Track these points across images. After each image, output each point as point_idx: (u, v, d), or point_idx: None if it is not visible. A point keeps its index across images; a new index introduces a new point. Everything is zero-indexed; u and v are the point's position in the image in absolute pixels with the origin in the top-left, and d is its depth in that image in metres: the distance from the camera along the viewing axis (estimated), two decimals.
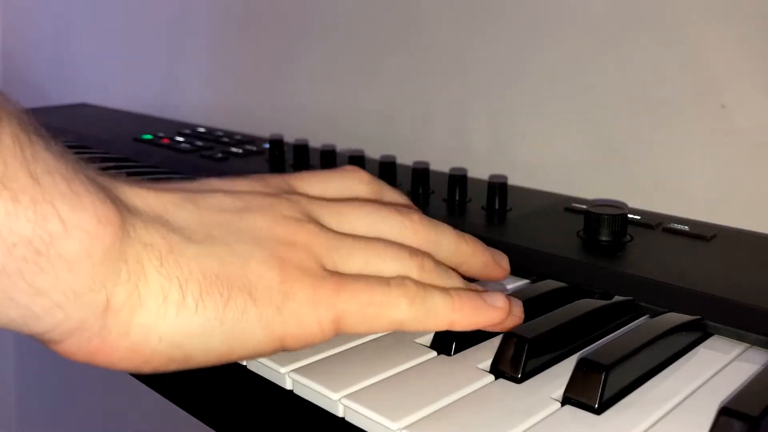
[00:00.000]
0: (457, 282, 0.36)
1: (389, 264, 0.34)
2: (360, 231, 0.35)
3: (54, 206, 0.26)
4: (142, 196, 0.31)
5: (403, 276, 0.33)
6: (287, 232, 0.32)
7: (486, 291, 0.36)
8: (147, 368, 0.29)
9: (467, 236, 0.39)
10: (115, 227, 0.28)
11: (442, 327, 0.34)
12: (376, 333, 0.34)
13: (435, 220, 0.38)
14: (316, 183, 0.39)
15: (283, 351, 0.31)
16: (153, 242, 0.29)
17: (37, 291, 0.26)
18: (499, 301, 0.35)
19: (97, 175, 0.30)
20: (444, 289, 0.34)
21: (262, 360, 0.34)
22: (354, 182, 0.40)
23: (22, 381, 1.60)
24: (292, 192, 0.37)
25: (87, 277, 0.27)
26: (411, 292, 0.32)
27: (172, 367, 0.30)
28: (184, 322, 0.28)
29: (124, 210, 0.29)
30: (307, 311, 0.30)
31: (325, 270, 0.32)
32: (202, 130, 0.90)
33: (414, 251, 0.35)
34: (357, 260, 0.33)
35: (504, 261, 0.41)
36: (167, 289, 0.28)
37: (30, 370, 1.58)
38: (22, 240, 0.25)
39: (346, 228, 0.35)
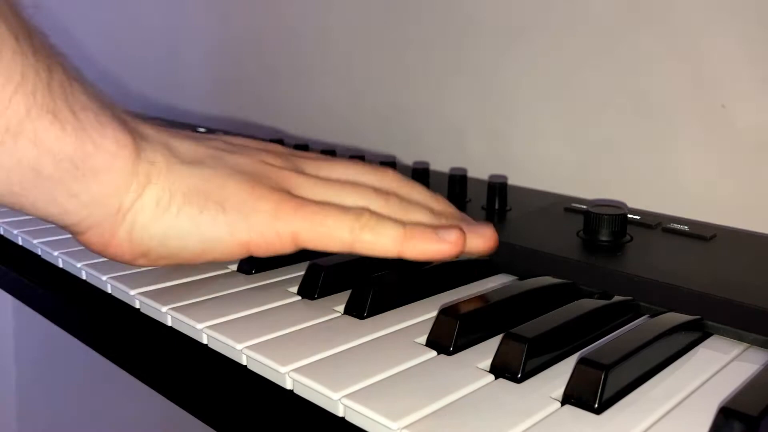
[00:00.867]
0: (423, 217, 0.39)
1: (354, 198, 0.39)
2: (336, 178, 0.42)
3: (88, 134, 0.35)
4: (154, 129, 0.39)
5: (364, 207, 0.38)
6: (263, 170, 0.39)
7: (448, 225, 0.39)
8: (144, 261, 0.39)
9: (440, 198, 0.43)
10: (130, 149, 0.36)
11: (392, 254, 0.37)
12: (329, 250, 0.38)
13: (411, 201, 0.42)
14: (324, 166, 0.44)
15: (249, 255, 0.38)
16: (156, 161, 0.37)
17: (72, 193, 0.35)
18: (452, 235, 0.37)
19: (121, 111, 0.39)
20: (400, 221, 0.38)
21: (263, 360, 0.34)
22: (358, 174, 0.44)
23: (22, 381, 1.60)
24: (295, 157, 0.43)
25: (107, 185, 0.36)
26: (363, 219, 0.37)
27: (162, 262, 0.39)
28: (169, 223, 0.36)
29: (138, 137, 0.37)
30: (268, 223, 0.37)
31: (291, 193, 0.38)
32: (202, 130, 0.90)
33: (380, 190, 0.40)
34: (323, 193, 0.39)
35: (484, 229, 0.41)
36: (160, 197, 0.36)
37: (30, 370, 1.58)
38: (66, 156, 0.35)
39: (323, 175, 0.42)
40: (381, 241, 0.37)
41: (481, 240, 0.41)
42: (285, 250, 0.38)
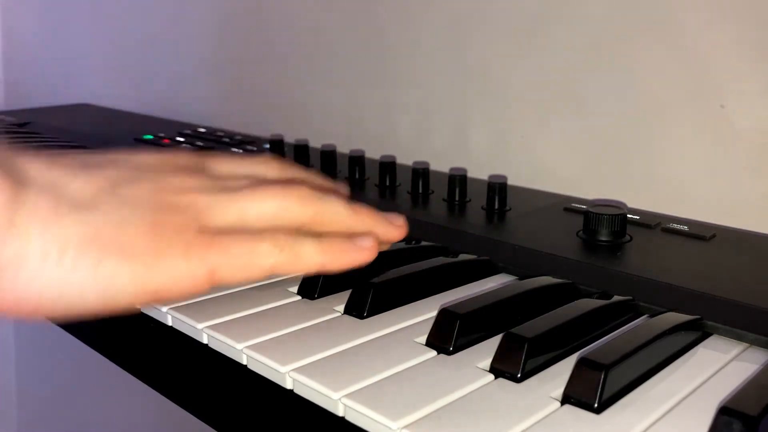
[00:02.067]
0: (339, 207, 0.38)
1: (269, 205, 0.37)
2: (250, 214, 0.38)
3: None
4: (38, 168, 0.35)
5: (276, 228, 0.36)
6: (167, 199, 0.36)
7: (362, 232, 0.38)
8: (37, 317, 0.34)
9: (358, 207, 0.40)
10: (7, 196, 0.32)
11: (314, 269, 0.36)
12: (252, 281, 0.37)
13: (326, 195, 0.40)
14: (229, 163, 0.41)
15: (161, 303, 0.35)
16: (41, 209, 0.33)
17: None
18: (368, 241, 0.37)
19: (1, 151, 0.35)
20: (316, 237, 0.36)
21: (263, 359, 0.34)
22: (265, 169, 0.42)
23: (22, 381, 1.60)
24: (205, 168, 0.40)
25: None
26: (280, 240, 0.35)
27: (59, 317, 0.34)
28: (61, 279, 0.32)
29: (18, 181, 0.33)
30: (179, 267, 0.33)
31: (201, 228, 0.35)
32: (202, 130, 0.90)
33: (292, 188, 0.38)
34: (233, 211, 0.36)
35: (398, 219, 0.41)
36: (47, 250, 0.32)
37: (30, 370, 1.58)
38: None
39: (230, 173, 0.39)
40: (302, 260, 0.35)
41: (394, 230, 0.41)
42: (201, 291, 0.34)
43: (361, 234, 0.38)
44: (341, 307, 0.40)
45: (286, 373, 0.33)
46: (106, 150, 0.40)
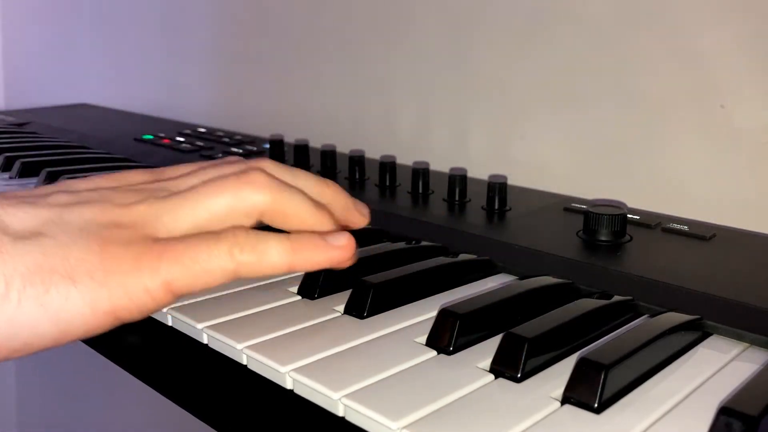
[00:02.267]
0: (303, 202, 0.36)
1: (221, 200, 0.34)
2: (202, 218, 0.36)
3: None
4: None
5: (236, 226, 0.34)
6: (113, 217, 0.34)
7: (335, 230, 0.36)
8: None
9: (327, 180, 0.39)
10: None
11: (281, 270, 0.34)
12: (212, 286, 0.34)
13: (293, 169, 0.38)
14: (185, 172, 0.39)
15: (122, 323, 0.33)
16: None
17: None
18: (342, 239, 0.35)
19: None
20: (281, 234, 0.34)
21: (263, 359, 0.34)
22: (224, 168, 0.39)
23: (22, 381, 1.60)
24: (158, 181, 0.38)
25: None
26: (240, 239, 0.33)
27: (18, 354, 0.32)
28: (11, 315, 0.31)
29: None
30: (132, 282, 0.32)
31: (151, 240, 0.33)
32: (202, 130, 0.90)
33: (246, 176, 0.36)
34: (183, 215, 0.34)
35: (364, 209, 0.41)
36: None
37: (30, 370, 1.58)
38: None
39: (184, 183, 0.37)
40: (267, 259, 0.33)
41: (359, 216, 0.40)
42: (161, 306, 0.33)
43: (336, 232, 0.35)
44: (341, 307, 0.40)
45: (286, 373, 0.33)
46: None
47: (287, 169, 0.38)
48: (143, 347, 0.41)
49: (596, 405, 0.30)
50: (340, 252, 0.35)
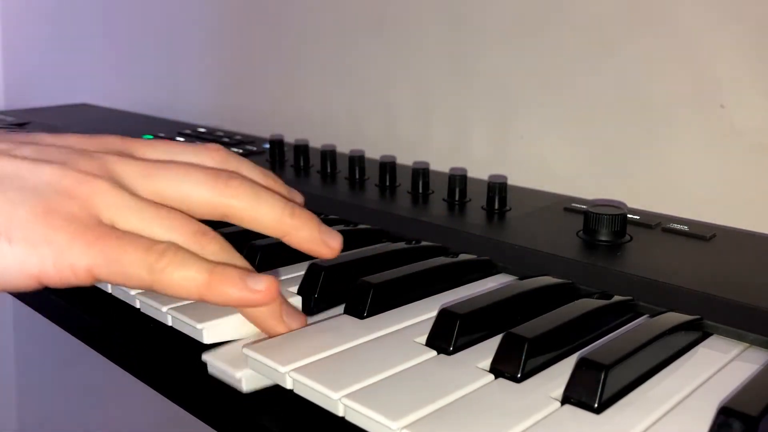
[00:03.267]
0: (275, 202, 0.37)
1: (166, 232, 0.35)
2: (167, 194, 0.37)
3: None
4: None
5: (174, 243, 0.35)
6: (70, 184, 0.35)
7: (261, 274, 0.35)
8: None
9: (297, 208, 0.39)
10: None
11: (193, 297, 0.34)
12: (131, 287, 0.35)
13: (262, 189, 0.38)
14: (162, 149, 0.40)
15: (43, 287, 0.34)
16: None
17: None
18: (261, 284, 0.34)
19: None
20: (207, 264, 0.34)
21: (263, 360, 0.34)
22: (206, 159, 0.40)
23: (22, 381, 1.60)
24: (122, 153, 0.39)
25: None
26: (166, 258, 0.34)
27: None
28: None
29: None
30: (60, 256, 0.33)
31: (95, 220, 0.34)
32: (202, 130, 0.90)
33: (220, 177, 0.37)
34: (134, 221, 0.35)
35: (334, 241, 0.40)
36: None
37: (30, 370, 1.58)
38: None
39: (150, 190, 0.37)
40: (182, 284, 0.34)
41: (326, 249, 0.39)
42: (84, 284, 0.34)
43: (261, 274, 0.35)
44: (341, 307, 0.40)
45: (286, 373, 0.33)
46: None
47: (253, 195, 0.38)
48: (143, 347, 0.41)
49: (596, 405, 0.30)
50: (256, 296, 0.34)
